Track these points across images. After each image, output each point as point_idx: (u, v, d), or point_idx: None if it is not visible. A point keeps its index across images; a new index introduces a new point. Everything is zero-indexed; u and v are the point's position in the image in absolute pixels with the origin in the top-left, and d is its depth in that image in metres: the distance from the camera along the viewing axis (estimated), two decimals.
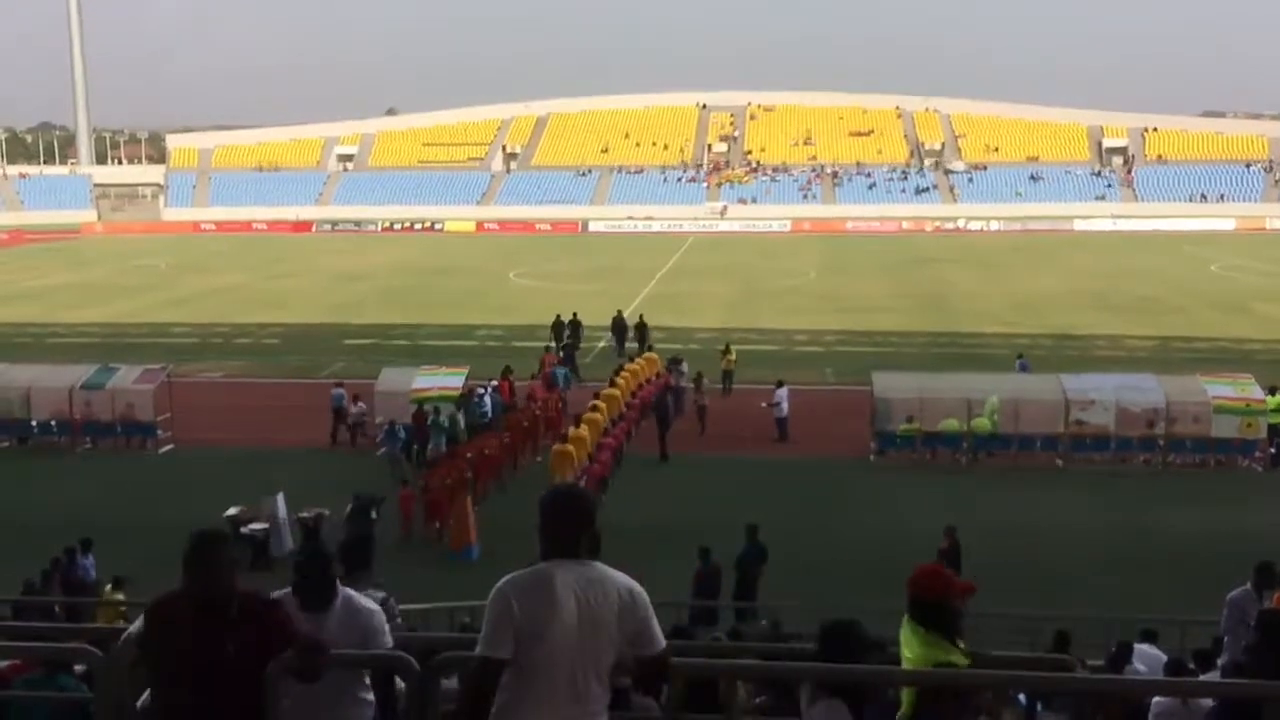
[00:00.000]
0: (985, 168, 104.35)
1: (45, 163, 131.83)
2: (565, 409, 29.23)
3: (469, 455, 24.15)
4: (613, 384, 29.85)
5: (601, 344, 40.28)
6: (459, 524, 21.16)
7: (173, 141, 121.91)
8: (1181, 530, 22.24)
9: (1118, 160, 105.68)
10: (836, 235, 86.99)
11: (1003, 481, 25.85)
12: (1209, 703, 6.40)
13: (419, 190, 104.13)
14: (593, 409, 26.68)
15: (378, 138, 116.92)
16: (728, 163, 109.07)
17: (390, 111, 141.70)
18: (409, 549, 21.26)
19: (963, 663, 5.00)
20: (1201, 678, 8.64)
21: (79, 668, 7.12)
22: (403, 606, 8.61)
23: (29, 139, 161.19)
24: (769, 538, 18.35)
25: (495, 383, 30.57)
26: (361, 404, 29.11)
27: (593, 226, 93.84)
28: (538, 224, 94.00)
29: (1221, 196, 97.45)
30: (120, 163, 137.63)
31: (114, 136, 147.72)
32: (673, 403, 29.86)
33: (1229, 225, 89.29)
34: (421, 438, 27.10)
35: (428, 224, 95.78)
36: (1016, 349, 35.88)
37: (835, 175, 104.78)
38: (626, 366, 32.28)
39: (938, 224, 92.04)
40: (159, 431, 29.07)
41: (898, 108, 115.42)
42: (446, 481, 22.26)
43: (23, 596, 15.80)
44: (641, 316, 40.02)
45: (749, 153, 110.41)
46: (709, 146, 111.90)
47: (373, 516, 20.87)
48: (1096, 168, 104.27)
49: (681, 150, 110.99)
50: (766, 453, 28.12)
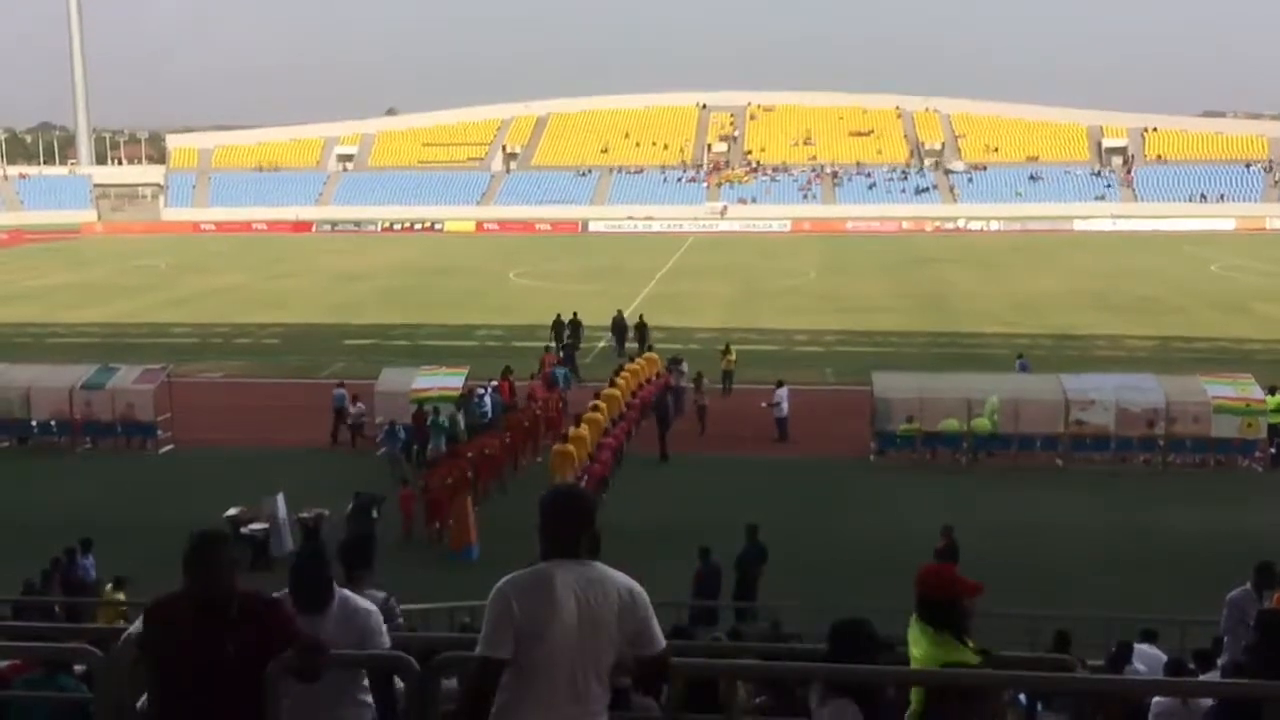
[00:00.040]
0: (985, 168, 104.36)
1: (45, 163, 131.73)
2: (565, 409, 29.26)
3: (469, 455, 24.15)
4: (613, 384, 29.86)
5: (601, 344, 40.29)
6: (459, 524, 21.16)
7: (173, 141, 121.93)
8: (1181, 530, 22.25)
9: (1117, 160, 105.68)
10: (836, 235, 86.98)
11: (1003, 481, 25.85)
12: (1209, 702, 6.40)
13: (419, 190, 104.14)
14: (593, 409, 26.70)
15: (378, 138, 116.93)
16: (728, 163, 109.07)
17: (390, 111, 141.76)
18: (409, 549, 21.25)
19: (974, 661, 4.98)
20: (1201, 678, 8.64)
21: (79, 668, 7.12)
22: (403, 606, 8.59)
23: (29, 139, 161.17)
24: (769, 538, 18.36)
25: (495, 383, 30.58)
26: (360, 404, 29.11)
27: (593, 226, 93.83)
28: (538, 224, 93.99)
29: (1221, 196, 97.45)
30: (120, 163, 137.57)
31: (114, 137, 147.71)
32: (673, 402, 29.88)
33: (1229, 225, 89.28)
34: (421, 438, 27.10)
35: (428, 224, 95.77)
36: (1016, 349, 35.89)
37: (835, 175, 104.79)
38: (627, 366, 32.29)
39: (938, 224, 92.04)
40: (159, 431, 29.07)
41: (898, 108, 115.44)
42: (448, 481, 22.26)
43: (23, 596, 15.80)
44: (641, 316, 40.02)
45: (749, 153, 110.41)
46: (709, 146, 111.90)
47: (374, 515, 20.91)
48: (1096, 168, 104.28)
49: (681, 150, 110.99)
50: (766, 453, 28.12)
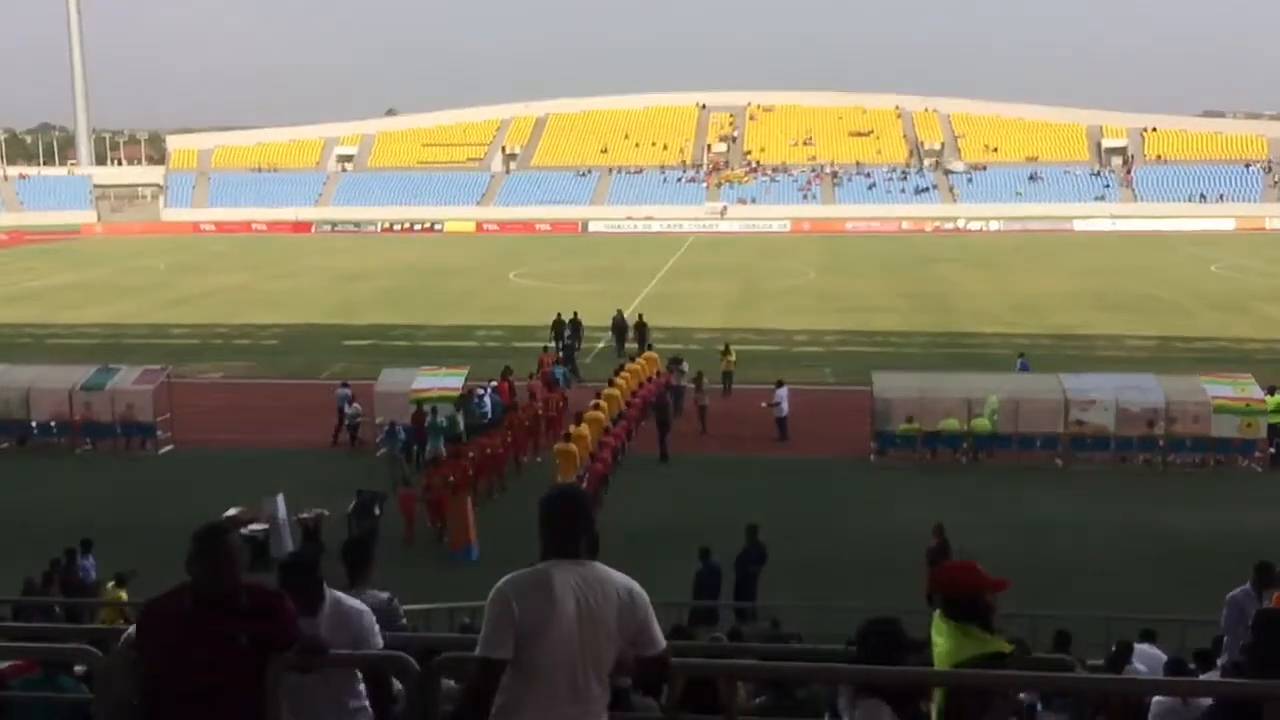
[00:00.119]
0: (985, 168, 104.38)
1: (45, 163, 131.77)
2: (566, 407, 29.26)
3: (471, 455, 24.14)
4: (612, 384, 29.88)
5: (601, 344, 40.30)
6: (459, 524, 21.16)
7: (172, 142, 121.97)
8: (1181, 530, 22.24)
9: (1117, 160, 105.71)
10: (836, 235, 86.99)
11: (1003, 481, 25.84)
12: (1209, 702, 6.40)
13: (419, 191, 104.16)
14: (595, 407, 26.72)
15: (377, 138, 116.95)
16: (727, 163, 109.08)
17: (390, 112, 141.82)
18: (409, 549, 21.25)
19: (1008, 649, 5.01)
20: (1201, 678, 8.63)
21: (79, 668, 7.11)
22: (403, 607, 8.60)
23: (29, 140, 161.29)
24: (769, 538, 18.37)
25: (495, 383, 30.58)
26: (357, 404, 29.10)
27: (592, 227, 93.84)
28: (537, 224, 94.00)
29: (1221, 196, 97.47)
30: (120, 163, 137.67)
31: (114, 137, 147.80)
32: (673, 402, 29.88)
33: (1229, 225, 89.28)
34: (421, 438, 27.08)
35: (427, 224, 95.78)
36: (1016, 349, 35.88)
37: (835, 175, 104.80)
38: (627, 366, 32.31)
39: (937, 224, 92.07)
40: (159, 432, 29.06)
41: (897, 108, 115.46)
42: (449, 480, 22.25)
43: (23, 597, 15.80)
44: (641, 316, 40.02)
45: (749, 153, 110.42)
46: (709, 147, 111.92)
47: (376, 513, 20.92)
48: (1096, 168, 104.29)
49: (681, 150, 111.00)
50: (766, 453, 28.12)
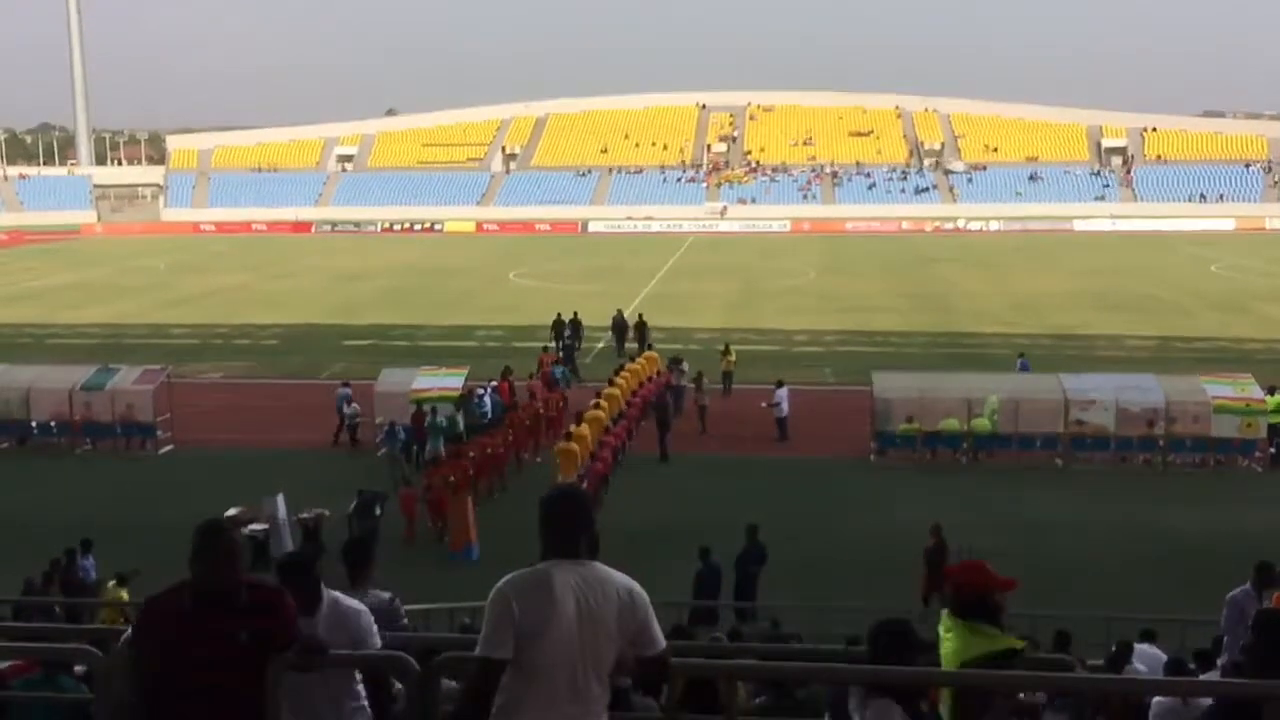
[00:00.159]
0: (985, 168, 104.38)
1: (45, 163, 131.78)
2: (566, 407, 29.25)
3: (471, 455, 24.14)
4: (613, 383, 29.88)
5: (601, 344, 40.30)
6: (459, 524, 21.16)
7: (172, 142, 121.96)
8: (1181, 530, 22.24)
9: (1117, 160, 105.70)
10: (836, 235, 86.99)
11: (1003, 481, 25.85)
12: (1209, 702, 6.39)
13: (419, 191, 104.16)
14: (595, 407, 26.72)
15: (377, 138, 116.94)
16: (727, 163, 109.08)
17: (390, 112, 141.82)
18: (409, 549, 21.25)
19: (1019, 646, 5.03)
20: (1201, 678, 8.63)
21: (79, 668, 7.11)
22: (404, 607, 8.61)
23: (29, 139, 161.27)
24: (769, 538, 18.37)
25: (495, 383, 30.58)
26: (355, 404, 29.10)
27: (592, 227, 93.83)
28: (537, 224, 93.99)
29: (1221, 196, 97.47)
30: (120, 163, 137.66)
31: (114, 137, 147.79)
32: (673, 402, 29.88)
33: (1229, 225, 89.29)
34: (421, 438, 27.08)
35: (427, 224, 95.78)
36: (1016, 349, 35.88)
37: (835, 175, 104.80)
38: (627, 366, 32.31)
39: (937, 224, 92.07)
40: (159, 432, 29.05)
41: (897, 108, 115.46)
42: (450, 480, 22.25)
43: (23, 597, 15.79)
44: (641, 316, 40.02)
45: (749, 153, 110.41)
46: (708, 147, 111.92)
47: (377, 512, 20.92)
48: (1096, 168, 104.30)
49: (681, 150, 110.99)
50: (766, 453, 28.12)
